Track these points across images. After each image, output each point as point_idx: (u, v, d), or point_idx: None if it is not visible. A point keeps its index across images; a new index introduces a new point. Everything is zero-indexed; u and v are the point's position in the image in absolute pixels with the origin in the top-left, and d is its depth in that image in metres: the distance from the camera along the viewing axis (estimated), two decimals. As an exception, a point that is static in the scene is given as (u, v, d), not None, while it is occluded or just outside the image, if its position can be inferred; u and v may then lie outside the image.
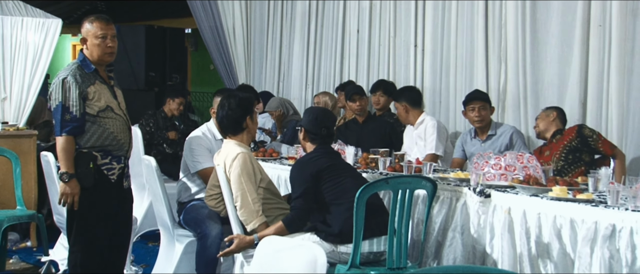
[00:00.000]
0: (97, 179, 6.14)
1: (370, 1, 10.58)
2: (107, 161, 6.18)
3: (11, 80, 9.98)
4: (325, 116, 6.43)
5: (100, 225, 6.26)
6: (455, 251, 6.33)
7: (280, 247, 3.65)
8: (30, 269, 8.34)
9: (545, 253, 5.76)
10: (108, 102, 6.19)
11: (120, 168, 6.30)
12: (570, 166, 7.17)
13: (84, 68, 6.17)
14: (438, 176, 6.68)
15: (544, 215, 5.76)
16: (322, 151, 6.17)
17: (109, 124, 6.17)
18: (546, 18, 8.36)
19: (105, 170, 6.18)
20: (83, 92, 6.04)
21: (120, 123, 6.27)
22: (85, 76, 6.11)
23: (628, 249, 5.28)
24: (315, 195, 5.93)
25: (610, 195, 5.59)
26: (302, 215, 5.88)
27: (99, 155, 6.14)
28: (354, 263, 5.67)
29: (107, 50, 6.20)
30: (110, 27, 6.27)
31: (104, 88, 6.20)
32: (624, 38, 7.74)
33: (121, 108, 6.34)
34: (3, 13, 9.97)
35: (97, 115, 6.10)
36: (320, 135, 6.18)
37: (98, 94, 6.13)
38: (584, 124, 7.59)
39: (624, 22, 7.74)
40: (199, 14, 12.32)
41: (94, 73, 6.19)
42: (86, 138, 6.09)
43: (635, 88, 7.66)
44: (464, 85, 9.10)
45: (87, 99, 6.07)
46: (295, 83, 11.87)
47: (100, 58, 6.22)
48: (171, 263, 7.05)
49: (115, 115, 6.23)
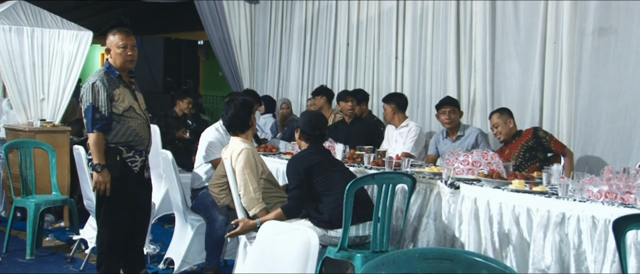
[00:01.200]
0: (122, 170, 6.22)
1: (357, 19, 10.57)
2: (130, 154, 6.25)
3: (48, 84, 9.98)
4: (319, 119, 6.43)
5: (124, 209, 6.33)
6: (428, 235, 6.34)
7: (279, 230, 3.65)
8: (63, 246, 8.33)
9: (505, 237, 5.78)
10: (130, 103, 6.26)
11: (142, 161, 6.36)
12: (527, 163, 7.18)
13: (109, 74, 6.24)
14: (415, 171, 6.69)
15: (505, 204, 5.78)
16: (314, 149, 6.17)
17: (131, 123, 6.23)
18: (509, 35, 8.37)
19: (129, 162, 6.25)
20: (110, 94, 6.11)
21: (141, 122, 6.32)
22: (111, 81, 6.19)
23: (575, 234, 5.31)
24: (309, 186, 5.93)
25: (561, 187, 5.62)
26: (297, 203, 5.90)
27: (124, 149, 6.21)
28: (343, 246, 5.70)
29: (127, 58, 6.28)
30: (131, 38, 6.34)
31: (126, 91, 6.27)
32: (573, 54, 7.79)
33: (141, 109, 6.39)
34: (43, 26, 9.97)
35: (122, 114, 6.17)
36: (313, 136, 6.19)
37: (122, 96, 6.20)
38: (539, 127, 7.61)
39: (573, 40, 7.78)
40: (210, 28, 12.26)
41: (118, 78, 6.25)
42: (113, 135, 6.15)
43: (581, 97, 7.70)
44: (438, 92, 9.09)
45: (113, 100, 6.14)
46: (292, 88, 11.84)
47: (123, 65, 6.28)
48: (184, 242, 7.10)
49: (136, 115, 6.28)
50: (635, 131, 7.32)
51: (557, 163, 6.52)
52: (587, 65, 7.68)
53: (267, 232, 3.63)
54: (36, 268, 7.42)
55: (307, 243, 3.38)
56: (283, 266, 3.42)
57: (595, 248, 5.20)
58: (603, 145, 7.57)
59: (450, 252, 2.99)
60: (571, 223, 5.33)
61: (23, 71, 9.88)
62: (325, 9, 11.16)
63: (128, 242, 6.55)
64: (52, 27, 10.10)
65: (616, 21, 7.51)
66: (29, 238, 7.87)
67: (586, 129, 7.68)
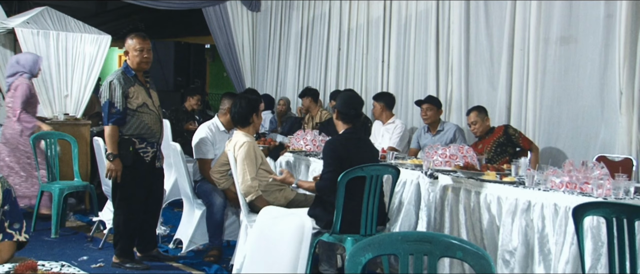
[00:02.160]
0: (134, 159, 6.29)
1: (348, 26, 10.57)
2: (142, 146, 6.33)
3: (71, 82, 9.94)
4: (354, 100, 6.09)
5: (137, 194, 6.40)
6: (410, 220, 6.35)
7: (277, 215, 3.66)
8: (84, 226, 8.33)
9: (477, 221, 5.81)
10: (144, 100, 6.31)
11: (153, 152, 6.42)
12: (498, 157, 7.21)
13: (126, 73, 6.30)
14: (398, 162, 6.70)
15: (478, 193, 5.80)
16: (348, 140, 5.84)
17: (144, 117, 6.29)
18: (482, 43, 8.38)
19: (141, 152, 6.32)
20: (125, 92, 6.19)
21: (153, 117, 6.37)
22: (127, 79, 6.25)
23: (539, 219, 5.33)
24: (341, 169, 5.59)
25: (527, 178, 5.65)
26: (330, 184, 5.55)
27: (136, 140, 6.28)
28: (335, 230, 5.68)
29: (143, 60, 6.34)
30: (147, 42, 6.41)
31: (141, 89, 6.32)
32: (538, 60, 7.81)
33: (154, 105, 6.43)
34: (67, 30, 9.94)
35: (136, 109, 6.25)
36: (349, 115, 5.87)
37: (136, 94, 6.25)
38: (509, 124, 7.63)
39: (538, 47, 7.81)
40: (216, 33, 12.24)
41: (134, 77, 6.31)
42: (127, 127, 6.24)
43: (545, 98, 7.73)
44: (419, 92, 9.10)
45: (128, 97, 6.20)
46: (289, 88, 11.83)
47: (139, 66, 6.34)
48: (191, 224, 7.10)
49: (149, 111, 6.34)
50: (592, 129, 7.34)
51: (525, 157, 6.55)
52: (550, 70, 7.70)
53: (266, 216, 3.64)
54: (60, 246, 7.41)
55: (301, 226, 3.40)
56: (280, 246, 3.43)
57: (556, 232, 5.22)
58: (564, 141, 7.59)
59: (430, 235, 3.00)
60: (536, 210, 5.36)
61: (49, 70, 9.84)
62: (319, 17, 11.16)
63: (141, 224, 6.61)
64: (75, 31, 10.07)
65: (575, 31, 7.53)
66: (54, 219, 7.87)
67: (549, 127, 7.69)
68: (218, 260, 6.69)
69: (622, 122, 7.00)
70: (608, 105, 7.21)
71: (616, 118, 7.08)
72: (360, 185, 5.56)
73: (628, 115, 6.95)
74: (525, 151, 7.14)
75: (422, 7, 9.26)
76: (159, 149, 6.54)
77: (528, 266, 5.44)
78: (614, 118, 7.12)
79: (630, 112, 6.93)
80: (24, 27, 9.73)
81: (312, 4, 11.32)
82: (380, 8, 9.95)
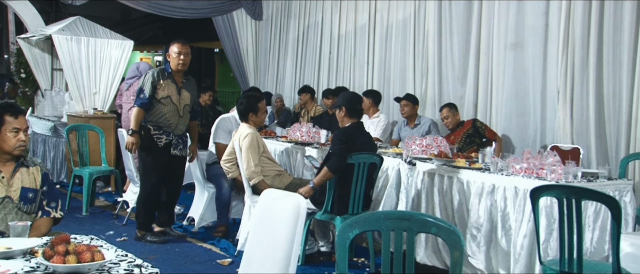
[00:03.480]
0: (149, 143, 6.36)
1: (338, 33, 10.55)
2: (158, 132, 6.35)
3: (99, 81, 9.94)
4: (358, 97, 6.21)
5: (154, 174, 6.44)
6: (391, 202, 6.36)
7: (276, 196, 3.65)
8: (110, 205, 8.32)
9: (449, 202, 5.82)
10: (169, 94, 6.31)
11: (168, 140, 6.39)
12: (467, 146, 7.21)
13: (164, 70, 6.37)
14: (382, 151, 6.70)
15: (450, 177, 5.82)
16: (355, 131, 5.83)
17: (163, 109, 6.31)
18: (452, 48, 8.36)
19: (155, 138, 6.34)
20: (154, 83, 6.27)
21: (172, 110, 6.35)
22: (161, 74, 6.32)
23: (502, 200, 5.36)
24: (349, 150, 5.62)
25: (492, 165, 5.67)
26: (340, 159, 5.55)
27: (152, 127, 6.33)
28: (326, 209, 5.71)
29: (179, 62, 6.33)
30: (185, 47, 6.40)
31: (171, 85, 6.35)
32: (499, 63, 7.83)
33: (179, 102, 6.39)
34: (95, 36, 9.94)
35: (159, 100, 6.28)
36: (356, 110, 5.88)
37: (164, 87, 6.29)
38: (476, 118, 7.62)
39: (499, 52, 7.83)
40: (224, 39, 12.20)
41: (169, 74, 6.35)
42: (149, 114, 6.31)
43: (506, 96, 7.73)
44: (399, 91, 9.06)
45: (156, 88, 6.28)
46: (287, 86, 11.77)
47: (175, 67, 6.35)
48: (202, 204, 7.14)
49: (171, 104, 6.33)
50: (537, 122, 7.39)
51: (490, 146, 6.55)
52: (508, 71, 7.71)
53: (267, 197, 3.63)
54: (90, 222, 7.41)
55: (297, 205, 3.39)
56: (279, 223, 3.43)
57: (516, 211, 5.25)
58: (515, 133, 7.60)
59: (408, 214, 3.01)
60: (499, 192, 5.39)
61: (80, 71, 9.86)
62: (313, 25, 11.13)
63: (161, 203, 6.61)
64: (103, 37, 10.05)
65: (522, 38, 7.57)
66: (85, 199, 7.87)
67: (506, 121, 7.71)
68: (225, 235, 6.70)
69: (559, 116, 7.07)
70: (549, 102, 7.28)
71: (555, 113, 7.16)
72: (350, 171, 5.58)
73: (564, 110, 7.03)
74: (490, 141, 7.13)
75: (401, 17, 9.25)
76: (175, 138, 6.46)
77: (492, 240, 5.48)
78: (553, 113, 7.20)
79: (565, 108, 7.01)
80: (60, 34, 9.78)
81: (307, 14, 11.28)
82: (365, 18, 9.93)
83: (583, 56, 6.86)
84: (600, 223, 5.14)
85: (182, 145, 6.55)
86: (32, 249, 2.98)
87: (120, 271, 2.74)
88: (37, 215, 3.76)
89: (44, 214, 3.79)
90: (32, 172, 3.76)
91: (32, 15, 10.94)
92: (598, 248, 5.13)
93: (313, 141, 7.73)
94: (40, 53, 11.08)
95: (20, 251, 2.92)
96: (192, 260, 6.01)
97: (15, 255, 2.90)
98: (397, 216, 2.99)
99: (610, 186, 5.23)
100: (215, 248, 6.43)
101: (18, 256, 2.91)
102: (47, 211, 3.80)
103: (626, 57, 6.50)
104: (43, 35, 10.29)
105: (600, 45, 6.71)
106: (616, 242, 3.98)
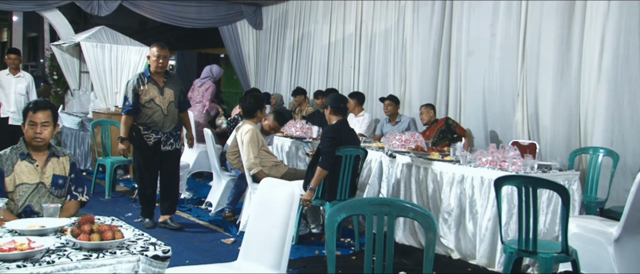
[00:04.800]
0: (140, 142, 6.03)
1: (328, 41, 10.52)
2: (147, 132, 5.97)
3: (120, 82, 9.93)
4: (342, 97, 6.15)
5: (145, 168, 6.14)
6: (374, 189, 6.37)
7: (273, 184, 3.65)
8: (129, 191, 8.28)
9: (424, 190, 5.84)
10: (152, 97, 5.89)
11: (156, 138, 5.99)
12: (441, 141, 7.21)
13: (143, 75, 5.96)
14: (366, 145, 6.70)
15: (425, 168, 5.83)
16: (341, 127, 5.76)
17: (148, 111, 5.91)
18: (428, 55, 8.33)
19: (145, 137, 5.98)
20: (135, 90, 5.88)
21: (157, 111, 5.94)
22: (141, 80, 5.91)
23: (470, 188, 5.37)
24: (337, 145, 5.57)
25: (462, 158, 5.69)
26: (329, 156, 5.52)
27: (141, 128, 5.97)
28: (318, 196, 5.70)
29: (158, 64, 5.90)
30: (164, 50, 5.95)
31: (153, 88, 5.89)
32: (461, 68, 7.87)
33: (162, 102, 5.95)
34: (117, 43, 9.96)
35: (143, 104, 5.89)
36: (340, 109, 5.81)
37: (146, 91, 5.88)
38: (448, 117, 7.63)
39: (460, 58, 7.87)
40: (229, 46, 12.19)
41: (149, 78, 5.92)
42: (138, 117, 5.94)
43: (469, 97, 7.75)
44: (381, 92, 9.07)
45: (138, 94, 5.88)
46: (283, 88, 11.76)
47: (154, 69, 5.93)
48: (219, 191, 7.01)
49: (155, 106, 5.91)
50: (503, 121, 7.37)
51: (460, 141, 6.57)
52: (472, 75, 7.73)
53: (266, 185, 3.63)
54: (112, 205, 7.39)
55: (292, 193, 3.40)
56: (275, 207, 3.44)
57: (482, 197, 5.27)
58: (479, 130, 7.61)
59: (389, 200, 3.02)
60: (467, 181, 5.41)
61: (104, 73, 9.88)
62: (306, 34, 11.11)
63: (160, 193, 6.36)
64: (123, 44, 10.04)
65: (476, 47, 7.63)
66: (107, 185, 7.86)
67: (476, 119, 7.71)
68: (232, 218, 6.69)
69: (518, 116, 7.10)
70: (509, 103, 7.28)
71: (514, 113, 7.18)
72: (338, 163, 5.59)
73: (522, 110, 7.07)
74: (460, 137, 7.16)
75: (383, 28, 9.25)
76: (164, 136, 6.05)
77: (461, 223, 5.51)
78: (513, 113, 7.21)
79: (523, 108, 7.06)
80: (87, 41, 9.80)
81: (301, 24, 11.26)
82: (352, 28, 9.92)
83: (538, 64, 6.89)
84: (552, 208, 5.17)
85: (172, 139, 6.13)
86: (62, 228, 3.01)
87: (137, 248, 2.75)
88: (66, 199, 3.79)
89: (72, 198, 3.81)
90: (62, 161, 3.79)
91: (63, 25, 10.94)
92: (550, 229, 5.16)
93: (306, 136, 7.74)
94: (70, 58, 11.06)
95: (52, 230, 2.96)
96: (199, 239, 6.00)
97: (48, 233, 2.94)
98: (379, 202, 3.01)
99: (561, 176, 5.25)
100: (220, 229, 6.42)
101: (50, 234, 2.94)
102: (75, 195, 3.82)
103: (574, 65, 6.52)
104: (72, 42, 10.27)
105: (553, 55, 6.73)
106: (565, 224, 4.04)
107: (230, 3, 11.83)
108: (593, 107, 6.32)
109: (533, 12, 6.93)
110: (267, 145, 6.56)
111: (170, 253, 2.75)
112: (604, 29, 6.19)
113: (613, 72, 6.11)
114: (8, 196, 3.54)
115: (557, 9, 6.64)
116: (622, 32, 6.04)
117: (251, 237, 3.62)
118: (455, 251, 5.56)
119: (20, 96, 8.56)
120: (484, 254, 5.26)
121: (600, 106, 6.23)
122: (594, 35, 6.30)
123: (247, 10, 12.12)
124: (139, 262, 2.65)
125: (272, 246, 3.39)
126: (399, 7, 8.93)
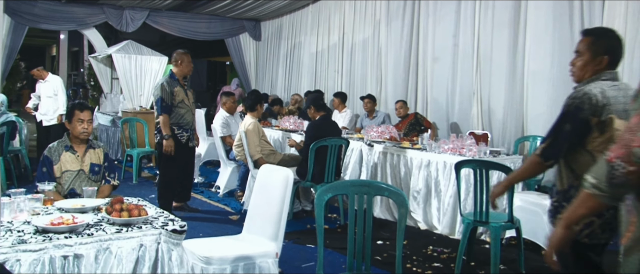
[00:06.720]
0: (176, 140, 5.63)
1: (316, 49, 10.47)
2: (180, 131, 5.60)
3: (143, 86, 9.90)
4: (319, 96, 6.18)
5: (176, 164, 5.69)
6: (355, 173, 6.36)
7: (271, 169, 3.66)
8: (152, 176, 8.21)
9: (398, 173, 5.83)
10: (183, 98, 5.63)
11: (187, 136, 5.70)
12: (410, 132, 7.20)
13: (172, 79, 5.63)
14: (348, 136, 6.69)
15: (398, 155, 5.83)
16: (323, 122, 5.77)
17: (181, 111, 5.62)
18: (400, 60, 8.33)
19: (179, 136, 5.63)
20: (172, 91, 5.53)
21: (187, 110, 5.67)
22: (171, 83, 5.59)
23: (435, 171, 5.39)
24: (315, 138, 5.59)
25: (428, 146, 5.69)
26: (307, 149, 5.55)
27: (175, 127, 5.56)
28: (308, 179, 5.71)
29: (190, 69, 5.75)
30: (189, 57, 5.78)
31: (181, 90, 5.59)
32: (427, 72, 7.86)
33: (190, 102, 5.69)
34: (141, 54, 9.94)
35: (176, 105, 5.55)
36: (320, 105, 5.83)
37: (178, 93, 5.60)
38: (417, 112, 7.62)
39: (425, 64, 7.86)
40: (233, 54, 12.12)
41: (177, 81, 5.64)
42: (171, 117, 5.57)
43: (434, 96, 7.73)
44: (361, 92, 9.03)
45: (173, 95, 5.54)
46: (279, 90, 11.74)
47: (184, 74, 5.72)
48: (226, 176, 7.01)
49: (186, 106, 5.65)
50: (461, 115, 7.38)
51: (427, 132, 6.58)
52: (437, 77, 7.72)
53: (265, 170, 3.64)
54: (138, 188, 7.36)
55: (287, 177, 3.40)
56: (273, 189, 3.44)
57: (445, 178, 5.30)
58: (448, 123, 7.62)
59: (367, 182, 3.04)
60: (433, 165, 5.42)
61: (131, 79, 9.86)
62: (298, 44, 11.06)
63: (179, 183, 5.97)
64: (146, 55, 9.99)
65: (442, 53, 7.62)
66: (134, 172, 7.82)
67: (438, 113, 7.73)
68: (240, 199, 6.66)
69: (474, 110, 7.12)
70: (466, 100, 7.30)
71: (471, 108, 7.20)
72: (325, 151, 5.60)
73: (477, 106, 7.08)
74: (427, 129, 7.17)
75: (362, 38, 9.21)
76: (192, 134, 5.78)
77: (428, 200, 5.53)
78: (470, 108, 7.23)
79: (478, 104, 7.07)
80: (117, 53, 9.83)
81: (293, 36, 11.20)
82: (336, 38, 9.87)
83: (490, 68, 6.92)
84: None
85: (193, 137, 5.86)
86: (98, 206, 3.05)
87: (159, 223, 2.77)
88: (102, 183, 3.82)
89: (106, 182, 3.83)
90: (97, 152, 3.82)
91: (99, 40, 11.11)
92: (499, 203, 5.19)
93: (298, 129, 7.74)
94: (104, 67, 11.32)
95: (90, 208, 3.02)
96: (210, 216, 6.00)
97: (87, 210, 3.01)
98: (359, 183, 3.02)
99: (508, 160, 5.29)
100: (228, 208, 6.40)
101: (89, 211, 3.00)
102: (108, 180, 3.84)
103: (520, 69, 6.56)
104: (106, 54, 10.36)
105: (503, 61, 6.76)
106: (511, 198, 4.10)
107: (234, 19, 11.78)
108: (535, 103, 6.38)
109: (485, 25, 6.97)
110: (266, 136, 6.55)
111: (186, 228, 2.78)
112: (544, 38, 6.25)
113: (551, 74, 6.18)
114: (56, 181, 3.61)
115: (506, 22, 6.69)
116: (557, 41, 6.11)
117: (253, 214, 3.63)
118: (422, 222, 5.59)
119: (47, 98, 8.48)
120: (446, 225, 5.30)
121: (541, 102, 6.29)
122: (537, 44, 6.36)
123: (248, 25, 12.09)
124: (160, 235, 2.68)
125: (270, 221, 3.40)
126: (375, 20, 8.90)
